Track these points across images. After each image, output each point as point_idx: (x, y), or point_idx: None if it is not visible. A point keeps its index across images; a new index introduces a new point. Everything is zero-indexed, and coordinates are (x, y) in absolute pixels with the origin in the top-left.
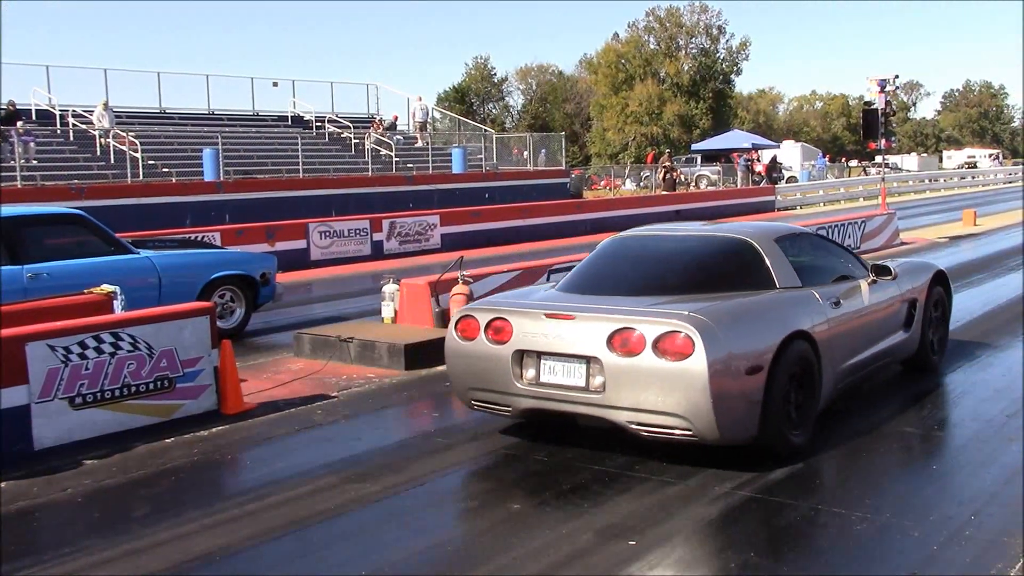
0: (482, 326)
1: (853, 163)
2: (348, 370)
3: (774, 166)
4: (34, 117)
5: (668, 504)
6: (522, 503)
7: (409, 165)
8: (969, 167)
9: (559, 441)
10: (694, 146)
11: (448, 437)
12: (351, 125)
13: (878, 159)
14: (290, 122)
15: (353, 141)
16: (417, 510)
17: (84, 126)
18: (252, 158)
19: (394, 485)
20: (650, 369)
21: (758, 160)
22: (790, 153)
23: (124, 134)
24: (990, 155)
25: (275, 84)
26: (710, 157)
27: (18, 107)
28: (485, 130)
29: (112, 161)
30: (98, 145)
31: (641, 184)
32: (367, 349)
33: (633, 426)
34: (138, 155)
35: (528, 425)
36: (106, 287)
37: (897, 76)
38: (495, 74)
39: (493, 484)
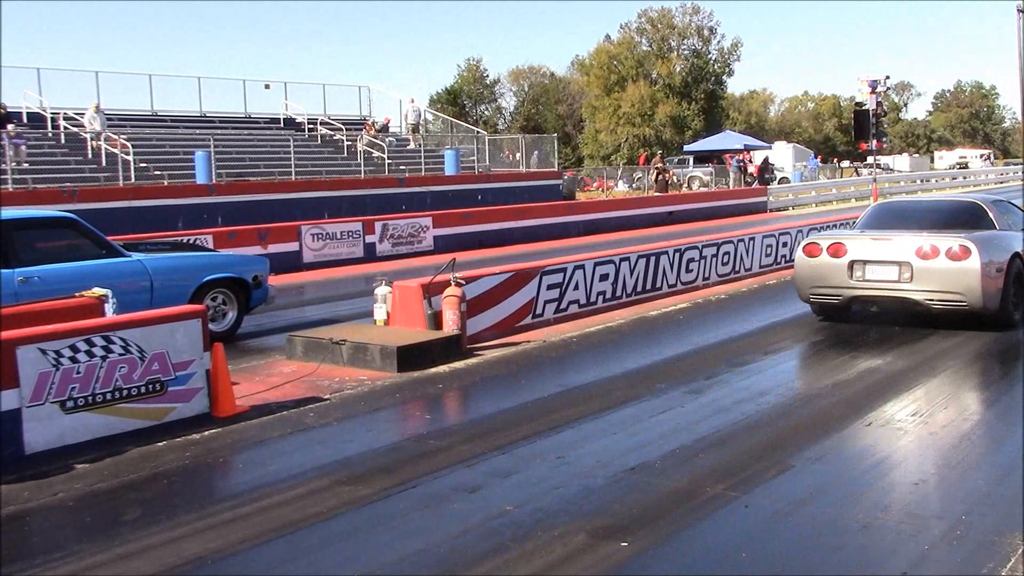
0: (824, 248)
1: (845, 164)
2: (341, 372)
3: (766, 167)
4: (25, 120)
5: (661, 504)
6: (514, 504)
7: (402, 167)
8: (961, 167)
9: (552, 444)
10: (686, 147)
11: (441, 439)
12: (343, 127)
13: (870, 160)
14: (282, 124)
15: (345, 143)
16: (409, 512)
17: (75, 129)
18: (244, 160)
19: (386, 488)
20: (943, 267)
21: (750, 161)
22: (782, 154)
23: (116, 137)
24: (981, 155)
25: (267, 86)
26: (702, 158)
27: (9, 110)
28: (478, 132)
29: (104, 164)
30: (90, 148)
31: (634, 185)
32: (360, 351)
33: (927, 301)
34: (130, 158)
35: (523, 424)
36: (97, 290)
37: (888, 77)
38: (487, 76)
39: (486, 486)
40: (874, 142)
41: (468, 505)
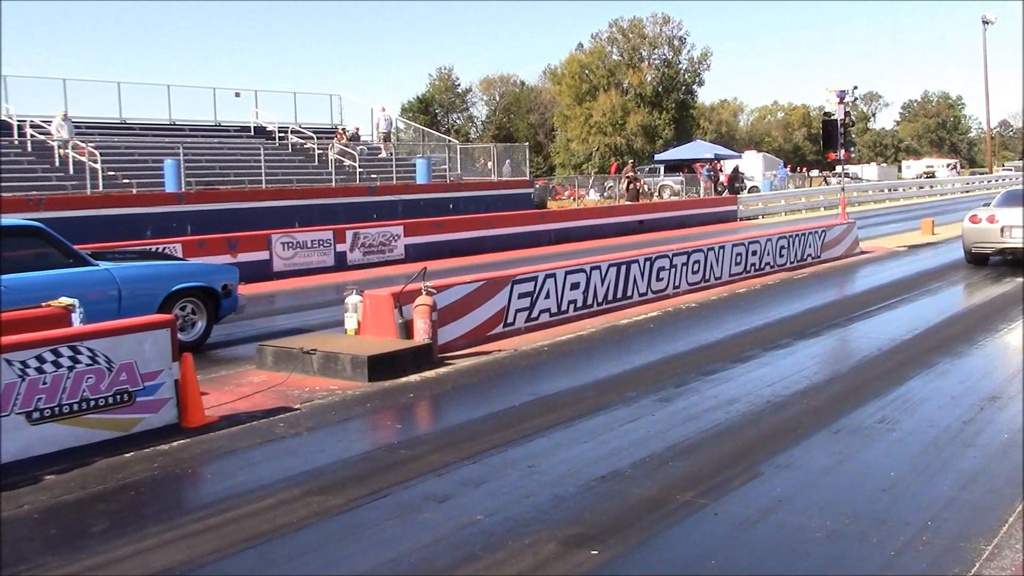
0: (982, 218)
1: (814, 173)
2: (311, 382)
3: (736, 176)
4: None
5: (631, 512)
6: (485, 513)
7: (373, 176)
8: (928, 177)
9: (523, 453)
10: (657, 156)
11: (412, 448)
12: (314, 136)
13: (838, 169)
14: (253, 132)
15: (316, 152)
16: (380, 522)
17: (42, 137)
18: (214, 169)
19: (357, 497)
20: None
21: (720, 170)
22: (752, 163)
23: (84, 145)
24: (948, 165)
25: (237, 95)
26: (673, 167)
27: None
28: (449, 140)
29: (71, 172)
30: (57, 156)
31: (605, 194)
32: (330, 361)
33: None
34: (98, 166)
35: (490, 433)
36: (64, 300)
37: (856, 87)
38: (459, 84)
39: (456, 495)
40: (842, 152)
41: (439, 514)
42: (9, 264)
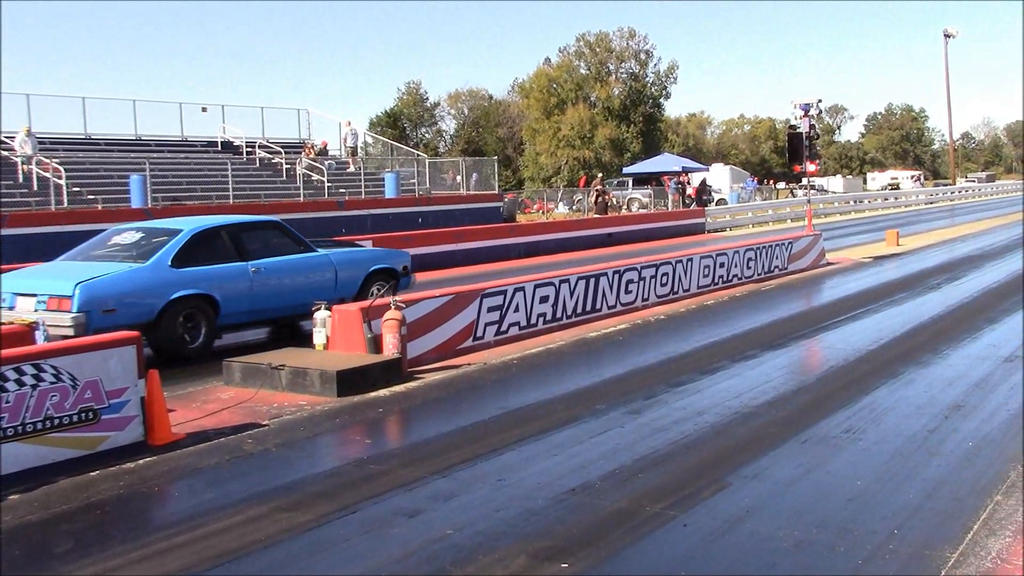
0: None
1: (781, 185)
2: (279, 398)
3: (704, 189)
4: None
5: (601, 525)
6: (455, 528)
7: (341, 190)
8: (892, 188)
9: (493, 467)
10: (625, 169)
11: (382, 463)
12: (282, 150)
13: (804, 181)
14: (220, 147)
15: (284, 166)
16: (350, 538)
17: (6, 152)
18: (181, 184)
19: (326, 513)
20: None
21: (688, 183)
22: (719, 176)
23: (48, 160)
24: (912, 177)
25: (204, 109)
26: (641, 180)
27: None
28: (418, 155)
29: (35, 188)
30: (20, 172)
31: (574, 207)
32: (299, 376)
33: None
34: (62, 182)
35: (460, 448)
36: (27, 317)
37: (820, 100)
38: (427, 99)
39: (427, 510)
40: (807, 164)
41: (409, 529)
42: (263, 251)
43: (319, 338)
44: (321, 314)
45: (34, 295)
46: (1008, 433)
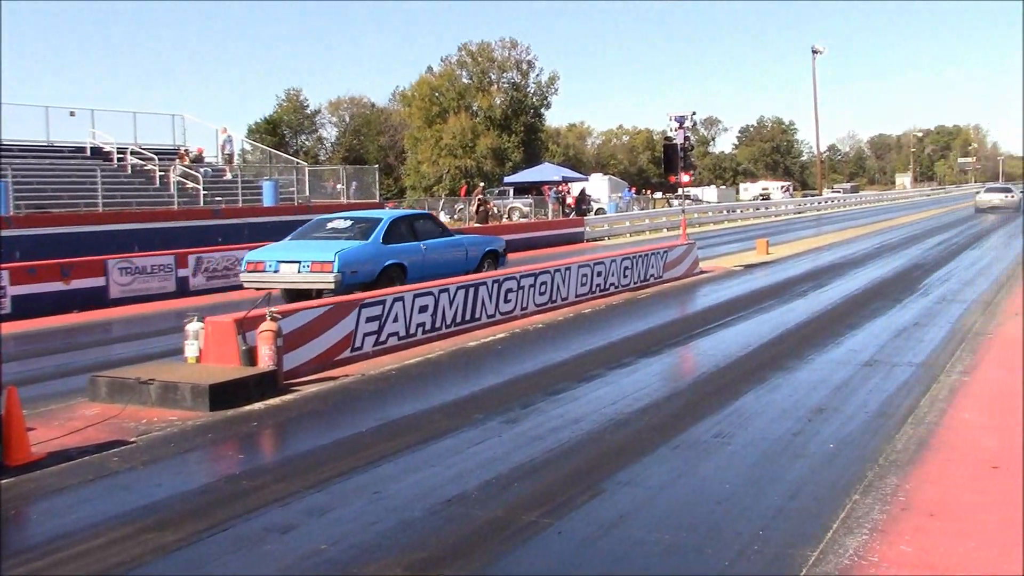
0: (981, 192)
1: (658, 195)
2: (148, 414)
3: (583, 198)
4: None
5: (477, 535)
6: (329, 543)
7: (217, 199)
8: (763, 198)
9: (370, 479)
10: (506, 179)
11: (254, 479)
12: (155, 157)
13: (680, 191)
14: (89, 153)
15: (157, 174)
16: (220, 556)
17: None
18: (46, 191)
19: (196, 532)
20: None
21: (568, 192)
22: (598, 185)
23: None
24: (782, 187)
25: (72, 113)
26: (522, 189)
27: None
28: (297, 162)
29: None
30: None
31: (455, 216)
32: (169, 391)
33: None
34: None
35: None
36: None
37: (695, 112)
38: (307, 106)
39: (300, 525)
40: (683, 175)
41: (281, 546)
42: (425, 234)
43: (191, 351)
44: (193, 326)
45: (297, 261)
46: (866, 434)
